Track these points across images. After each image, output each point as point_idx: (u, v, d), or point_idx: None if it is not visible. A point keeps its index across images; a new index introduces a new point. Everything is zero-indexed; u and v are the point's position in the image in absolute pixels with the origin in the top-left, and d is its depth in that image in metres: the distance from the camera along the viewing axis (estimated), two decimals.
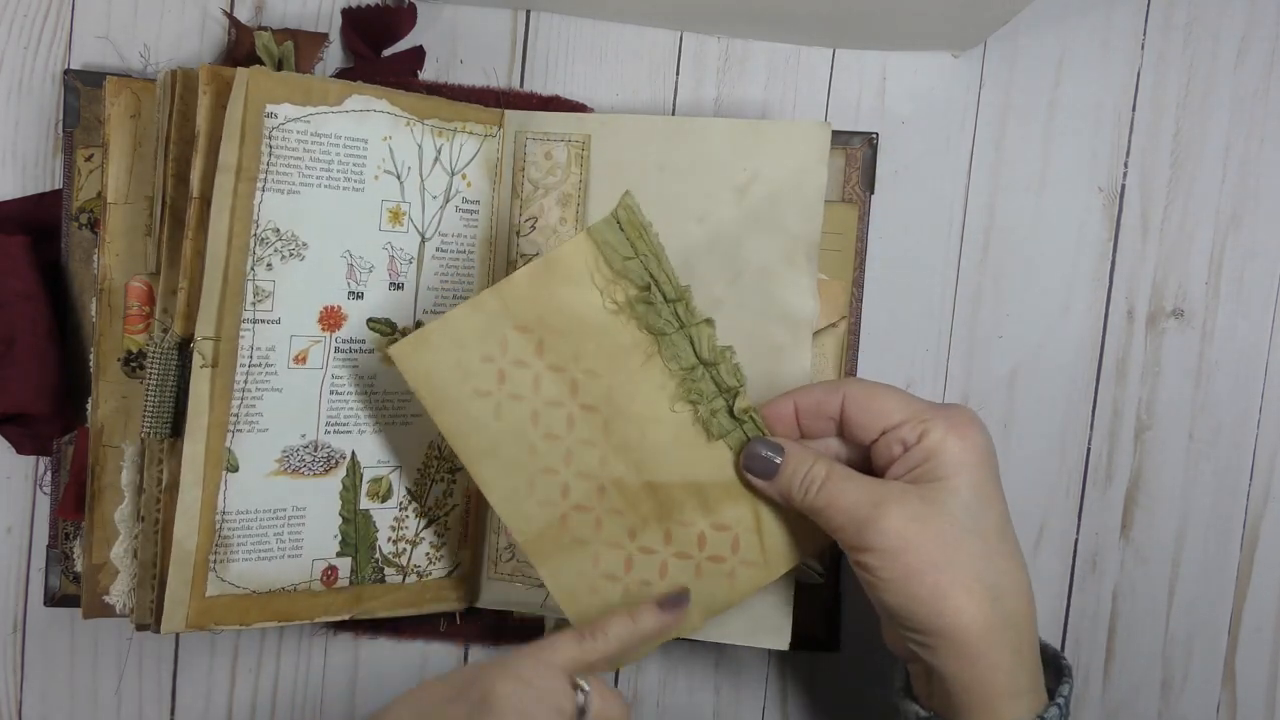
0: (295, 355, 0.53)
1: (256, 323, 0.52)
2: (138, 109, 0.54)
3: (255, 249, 0.51)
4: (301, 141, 0.52)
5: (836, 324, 0.59)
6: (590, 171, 0.57)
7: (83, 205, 0.56)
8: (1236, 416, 0.62)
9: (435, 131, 0.55)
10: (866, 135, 0.59)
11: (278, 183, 0.52)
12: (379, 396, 0.55)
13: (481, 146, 0.57)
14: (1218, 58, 0.61)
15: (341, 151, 0.53)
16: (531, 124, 0.57)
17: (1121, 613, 0.62)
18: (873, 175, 0.59)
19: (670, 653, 0.61)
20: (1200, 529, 0.62)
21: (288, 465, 0.53)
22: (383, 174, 0.54)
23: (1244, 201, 0.61)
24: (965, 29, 0.58)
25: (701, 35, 0.60)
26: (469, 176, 0.57)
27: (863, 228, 0.59)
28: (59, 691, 0.59)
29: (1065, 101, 0.61)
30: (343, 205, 0.53)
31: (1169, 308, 0.62)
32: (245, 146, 0.50)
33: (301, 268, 0.53)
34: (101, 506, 0.54)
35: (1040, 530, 0.62)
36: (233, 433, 0.52)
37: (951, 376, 0.61)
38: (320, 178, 0.53)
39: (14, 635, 0.59)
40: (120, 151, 0.54)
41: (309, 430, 0.54)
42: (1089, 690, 0.63)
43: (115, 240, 0.54)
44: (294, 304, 0.53)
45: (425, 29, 0.58)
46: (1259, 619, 0.62)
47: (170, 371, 0.51)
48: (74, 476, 0.56)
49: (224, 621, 0.52)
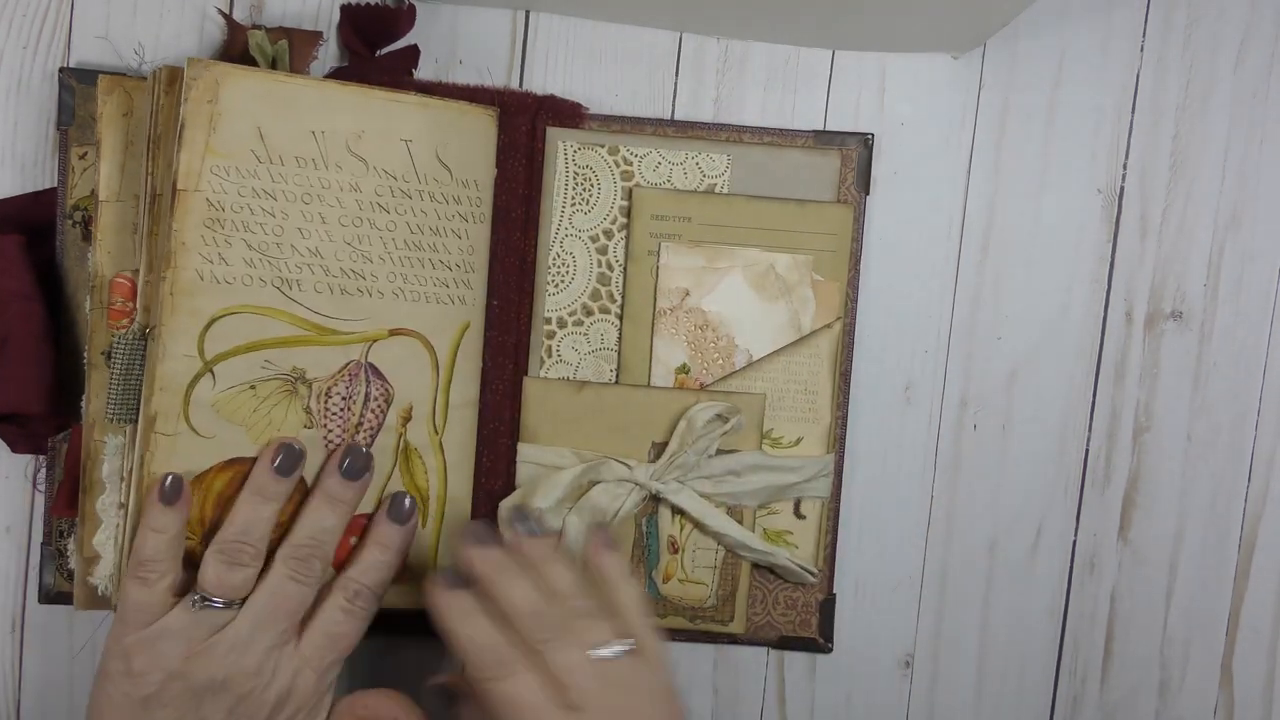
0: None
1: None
2: (130, 107, 0.54)
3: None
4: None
5: (832, 325, 0.59)
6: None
7: (77, 203, 0.56)
8: (1235, 418, 0.62)
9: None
10: (862, 136, 0.59)
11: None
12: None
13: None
14: (1217, 59, 0.61)
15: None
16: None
17: (1119, 613, 0.63)
18: (868, 176, 0.60)
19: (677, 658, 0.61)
20: (1198, 530, 0.62)
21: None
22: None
23: (1243, 203, 0.61)
24: (965, 31, 0.58)
25: (701, 36, 0.60)
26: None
27: (858, 228, 0.59)
28: (58, 691, 0.59)
29: (1065, 103, 0.61)
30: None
31: (1168, 309, 0.62)
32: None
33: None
34: (93, 500, 0.54)
35: (1038, 531, 0.62)
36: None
37: (951, 377, 0.61)
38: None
39: (13, 635, 0.59)
40: (112, 149, 0.54)
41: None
42: (1087, 691, 0.63)
43: (107, 237, 0.54)
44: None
45: (425, 29, 0.58)
46: (1256, 620, 0.63)
47: (134, 360, 0.51)
48: (67, 473, 0.56)
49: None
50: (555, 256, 0.58)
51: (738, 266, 0.58)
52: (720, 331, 0.59)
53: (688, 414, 0.57)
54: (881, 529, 0.61)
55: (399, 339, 0.54)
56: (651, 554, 0.59)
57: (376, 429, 0.54)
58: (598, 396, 0.58)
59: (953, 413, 0.61)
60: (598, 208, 0.58)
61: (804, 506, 0.59)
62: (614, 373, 0.58)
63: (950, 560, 0.62)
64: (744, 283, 0.59)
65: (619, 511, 0.57)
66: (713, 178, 0.59)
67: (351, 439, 0.53)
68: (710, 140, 0.59)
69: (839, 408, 0.59)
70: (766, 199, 0.58)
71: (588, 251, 0.58)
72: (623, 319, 0.58)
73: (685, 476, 0.57)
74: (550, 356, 0.58)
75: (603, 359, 0.59)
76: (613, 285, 0.59)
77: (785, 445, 0.59)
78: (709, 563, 0.59)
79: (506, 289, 0.57)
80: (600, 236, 0.58)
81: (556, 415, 0.58)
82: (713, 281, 0.58)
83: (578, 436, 0.58)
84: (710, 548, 0.59)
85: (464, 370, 0.56)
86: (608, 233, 0.58)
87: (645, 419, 0.58)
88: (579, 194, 0.58)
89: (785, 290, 0.59)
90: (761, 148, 0.59)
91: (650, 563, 0.59)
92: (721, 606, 0.59)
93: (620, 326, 0.59)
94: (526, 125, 0.57)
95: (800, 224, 0.58)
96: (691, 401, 0.57)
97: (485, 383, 0.57)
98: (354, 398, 0.53)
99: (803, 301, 0.59)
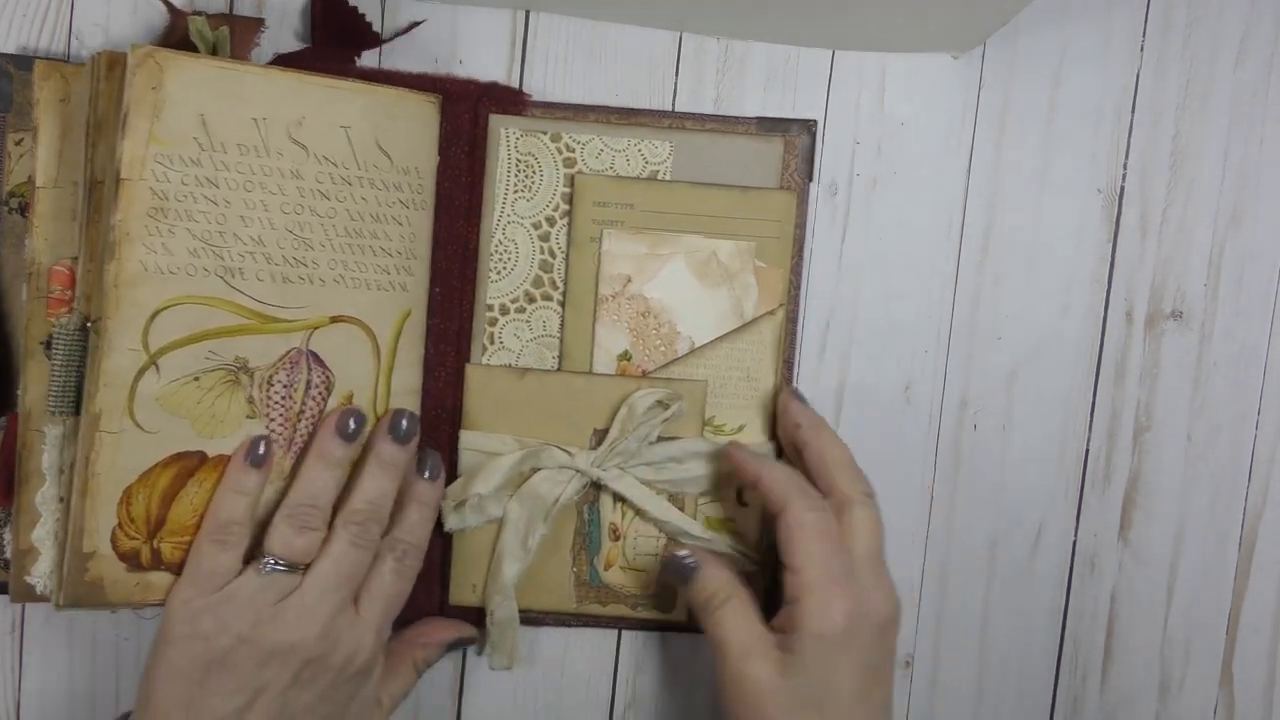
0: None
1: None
2: (67, 93, 0.54)
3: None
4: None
5: (774, 311, 0.59)
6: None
7: (13, 189, 0.56)
8: (1235, 418, 0.62)
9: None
10: (805, 123, 0.59)
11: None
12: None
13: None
14: (1217, 59, 0.61)
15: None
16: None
17: (1120, 614, 0.63)
18: (812, 163, 0.59)
19: (670, 653, 0.61)
20: (1199, 530, 0.62)
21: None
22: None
23: (1243, 203, 0.61)
24: (965, 30, 0.58)
25: (701, 36, 0.60)
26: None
27: (801, 215, 0.59)
28: (57, 692, 0.59)
29: (1065, 102, 0.61)
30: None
31: (1168, 309, 0.62)
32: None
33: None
34: (28, 491, 0.54)
35: (1039, 531, 0.62)
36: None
37: (950, 377, 0.61)
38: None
39: (13, 635, 0.59)
40: (49, 135, 0.54)
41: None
42: (1087, 690, 0.63)
43: (44, 224, 0.54)
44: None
45: (425, 29, 0.58)
46: (1257, 620, 0.63)
47: (75, 352, 0.51)
48: (2, 464, 0.55)
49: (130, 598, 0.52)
50: (498, 243, 0.58)
51: (680, 253, 0.59)
52: (662, 318, 0.59)
53: (629, 400, 0.57)
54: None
55: (340, 326, 0.54)
56: (593, 541, 0.59)
57: (318, 416, 0.54)
58: (539, 383, 0.58)
59: (953, 413, 0.61)
60: (540, 195, 0.58)
61: (747, 493, 0.59)
62: (556, 360, 0.59)
63: (950, 560, 0.62)
64: (686, 270, 0.59)
65: (560, 498, 0.57)
66: (655, 164, 0.59)
67: (294, 427, 0.53)
68: (653, 127, 0.59)
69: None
70: (709, 186, 0.58)
71: (530, 238, 0.58)
72: (565, 306, 0.59)
73: (626, 463, 0.58)
74: (493, 344, 0.59)
75: (545, 346, 0.59)
76: (555, 272, 0.59)
77: (728, 432, 0.59)
78: (651, 550, 0.59)
79: (449, 276, 0.57)
80: (542, 223, 0.58)
81: (498, 402, 0.58)
82: (655, 268, 0.58)
83: (519, 423, 0.58)
84: (652, 535, 0.59)
85: (406, 357, 0.56)
86: (550, 220, 0.58)
87: (587, 406, 0.58)
88: (521, 181, 0.58)
89: (727, 277, 0.59)
90: (704, 134, 0.59)
91: (592, 550, 0.59)
92: (663, 594, 0.59)
93: (562, 313, 0.59)
94: (469, 112, 0.57)
95: (743, 211, 0.59)
96: (633, 388, 0.58)
97: (428, 370, 0.57)
98: (295, 385, 0.53)
99: (745, 288, 0.59)
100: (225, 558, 0.50)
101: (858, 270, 0.61)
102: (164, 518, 0.51)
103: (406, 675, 0.56)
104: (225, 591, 0.50)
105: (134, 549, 0.51)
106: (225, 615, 0.49)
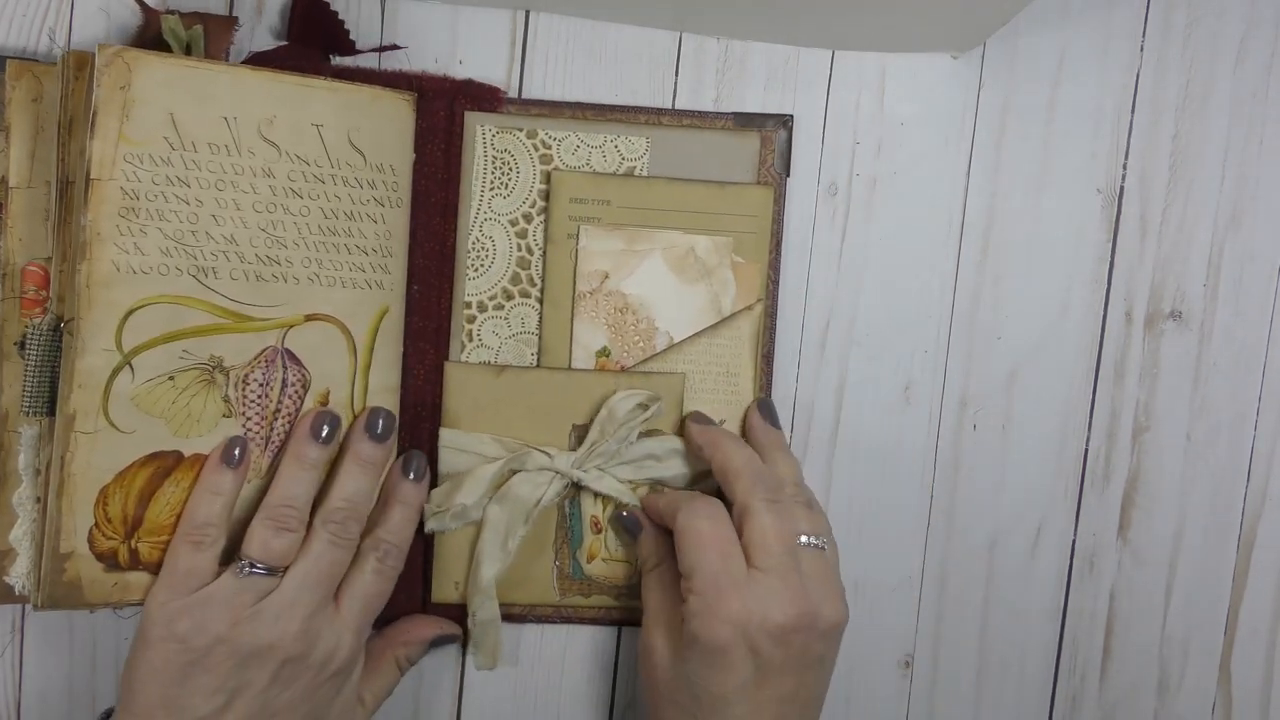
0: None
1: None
2: (40, 93, 0.53)
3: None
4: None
5: (753, 306, 0.59)
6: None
7: None
8: (1234, 418, 0.62)
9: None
10: (781, 118, 0.59)
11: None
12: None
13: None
14: (1217, 59, 0.61)
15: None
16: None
17: (1119, 613, 0.63)
18: (788, 158, 0.59)
19: None
20: (1197, 530, 0.62)
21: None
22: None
23: (1243, 203, 0.61)
24: (964, 30, 0.58)
25: (701, 36, 0.59)
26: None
27: (779, 210, 0.59)
28: (58, 691, 0.59)
29: (1064, 102, 0.61)
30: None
31: (1167, 309, 0.62)
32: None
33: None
34: (5, 492, 0.53)
35: (1038, 531, 0.62)
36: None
37: (950, 377, 0.61)
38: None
39: (13, 635, 0.59)
40: (22, 135, 0.53)
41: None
42: (1086, 689, 0.63)
43: (18, 225, 0.54)
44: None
45: (425, 29, 0.58)
46: (1255, 620, 0.63)
47: (49, 352, 0.51)
48: None
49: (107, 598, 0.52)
50: (475, 241, 0.58)
51: (657, 249, 0.59)
52: (640, 314, 0.59)
53: (608, 403, 0.57)
54: (881, 529, 0.62)
55: (315, 324, 0.54)
56: (575, 535, 0.59)
57: (294, 415, 0.54)
58: (518, 380, 0.58)
59: (953, 412, 0.61)
60: (516, 191, 0.58)
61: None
62: (535, 356, 0.59)
63: (950, 560, 0.62)
64: (664, 265, 0.59)
65: (541, 500, 0.57)
66: (632, 160, 0.59)
67: (270, 426, 0.53)
68: (629, 123, 0.59)
69: (760, 390, 0.60)
70: (686, 181, 0.58)
71: (507, 235, 0.58)
72: (543, 303, 0.59)
73: (607, 464, 0.58)
74: (471, 341, 0.59)
75: (523, 343, 0.59)
76: (532, 269, 0.59)
77: None
78: (631, 541, 0.59)
79: (427, 274, 0.57)
80: (519, 220, 0.58)
81: (477, 400, 0.58)
82: (632, 264, 0.59)
83: (498, 421, 0.58)
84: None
85: (383, 355, 0.56)
86: (527, 216, 0.58)
87: (566, 402, 0.58)
88: (498, 178, 0.58)
89: (705, 272, 0.59)
90: (681, 130, 0.59)
91: (574, 543, 0.59)
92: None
93: (540, 310, 0.59)
94: (445, 109, 0.57)
95: (720, 206, 0.59)
96: (612, 384, 0.58)
97: (407, 368, 0.57)
98: (271, 384, 0.53)
99: (723, 283, 0.59)
100: (201, 558, 0.50)
101: (857, 270, 0.61)
102: (141, 518, 0.51)
103: (389, 673, 0.56)
104: (202, 594, 0.50)
105: (112, 549, 0.51)
106: (202, 617, 0.49)
